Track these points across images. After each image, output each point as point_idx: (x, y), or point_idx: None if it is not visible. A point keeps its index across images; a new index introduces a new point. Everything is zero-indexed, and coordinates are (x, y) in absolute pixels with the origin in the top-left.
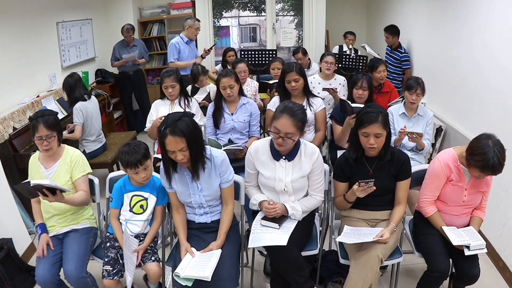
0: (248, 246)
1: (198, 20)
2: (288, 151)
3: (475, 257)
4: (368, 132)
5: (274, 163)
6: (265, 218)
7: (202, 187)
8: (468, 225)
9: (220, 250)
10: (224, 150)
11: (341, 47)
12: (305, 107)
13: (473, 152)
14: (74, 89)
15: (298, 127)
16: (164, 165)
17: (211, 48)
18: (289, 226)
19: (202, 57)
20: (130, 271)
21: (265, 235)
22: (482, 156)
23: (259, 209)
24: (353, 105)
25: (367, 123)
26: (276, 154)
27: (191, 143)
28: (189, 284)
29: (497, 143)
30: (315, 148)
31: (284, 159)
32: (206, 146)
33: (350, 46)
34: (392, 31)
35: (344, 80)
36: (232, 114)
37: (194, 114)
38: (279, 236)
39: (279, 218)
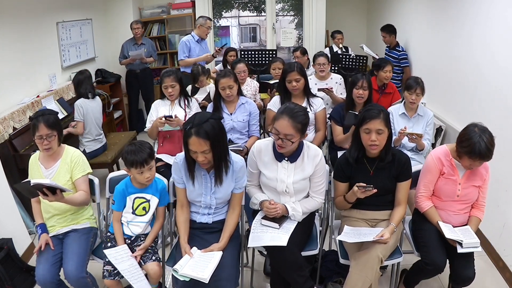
0: (248, 246)
1: (210, 19)
2: (290, 153)
3: (470, 259)
4: (370, 128)
5: (276, 164)
6: (265, 217)
7: (216, 189)
8: (465, 225)
9: (221, 253)
10: None
11: (331, 48)
12: (306, 108)
13: (461, 140)
14: (81, 85)
15: (298, 129)
16: (187, 163)
17: (222, 48)
18: (289, 227)
19: (214, 56)
20: (142, 279)
21: (265, 235)
22: (468, 142)
23: (259, 209)
24: None
25: (368, 119)
26: (279, 155)
27: (214, 146)
28: (187, 279)
29: (484, 129)
30: (318, 150)
31: (287, 160)
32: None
33: (340, 45)
34: (389, 30)
35: (341, 79)
36: (231, 114)
37: (222, 117)
38: (280, 236)
39: (279, 218)
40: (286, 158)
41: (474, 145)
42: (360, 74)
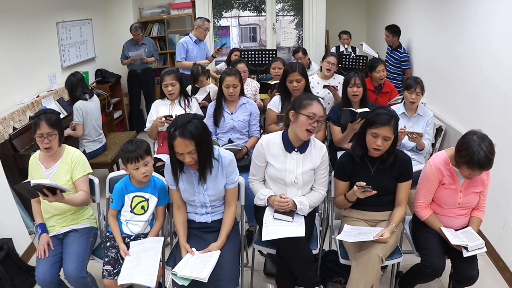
0: (263, 239)
1: (208, 21)
2: (300, 143)
3: (473, 259)
4: (378, 133)
5: (285, 155)
6: (276, 211)
7: (207, 186)
8: (466, 226)
9: (219, 252)
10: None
11: (337, 47)
12: None
13: (460, 149)
14: (75, 88)
15: (325, 113)
16: (171, 165)
17: (221, 48)
18: (300, 220)
19: (213, 56)
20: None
21: (280, 228)
22: (467, 151)
23: (266, 205)
24: (359, 110)
25: (379, 124)
26: (289, 146)
27: (200, 146)
28: (186, 283)
29: (483, 137)
30: (322, 143)
31: (296, 151)
32: (214, 146)
33: (346, 46)
34: (393, 30)
35: (343, 79)
36: (231, 113)
37: (204, 117)
38: (296, 228)
39: (289, 212)
40: (296, 149)
41: (473, 155)
42: (352, 72)
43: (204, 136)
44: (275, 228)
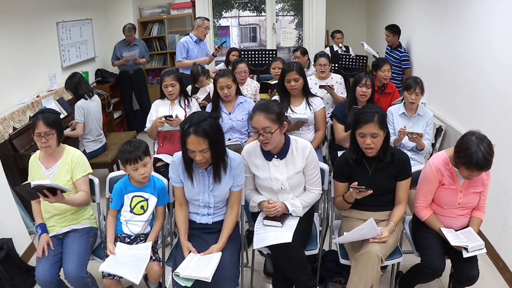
0: (254, 248)
1: (208, 19)
2: (278, 150)
3: (474, 259)
4: (364, 132)
5: (267, 164)
6: (266, 218)
7: (213, 187)
8: (467, 226)
9: (220, 253)
10: None
11: (331, 47)
12: (305, 108)
13: (458, 149)
14: (79, 87)
15: (273, 120)
16: (184, 162)
17: (221, 46)
18: (291, 224)
19: (214, 55)
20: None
21: (269, 235)
22: (465, 152)
23: (259, 211)
24: None
25: (362, 123)
26: (268, 154)
27: (212, 145)
28: (188, 284)
29: (482, 138)
30: (306, 142)
31: (276, 158)
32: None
33: (340, 45)
34: (393, 30)
35: (341, 78)
36: (229, 113)
37: (220, 116)
38: (283, 233)
39: (281, 217)
40: (275, 156)
41: (471, 156)
42: (363, 72)
43: (217, 135)
44: (264, 235)
